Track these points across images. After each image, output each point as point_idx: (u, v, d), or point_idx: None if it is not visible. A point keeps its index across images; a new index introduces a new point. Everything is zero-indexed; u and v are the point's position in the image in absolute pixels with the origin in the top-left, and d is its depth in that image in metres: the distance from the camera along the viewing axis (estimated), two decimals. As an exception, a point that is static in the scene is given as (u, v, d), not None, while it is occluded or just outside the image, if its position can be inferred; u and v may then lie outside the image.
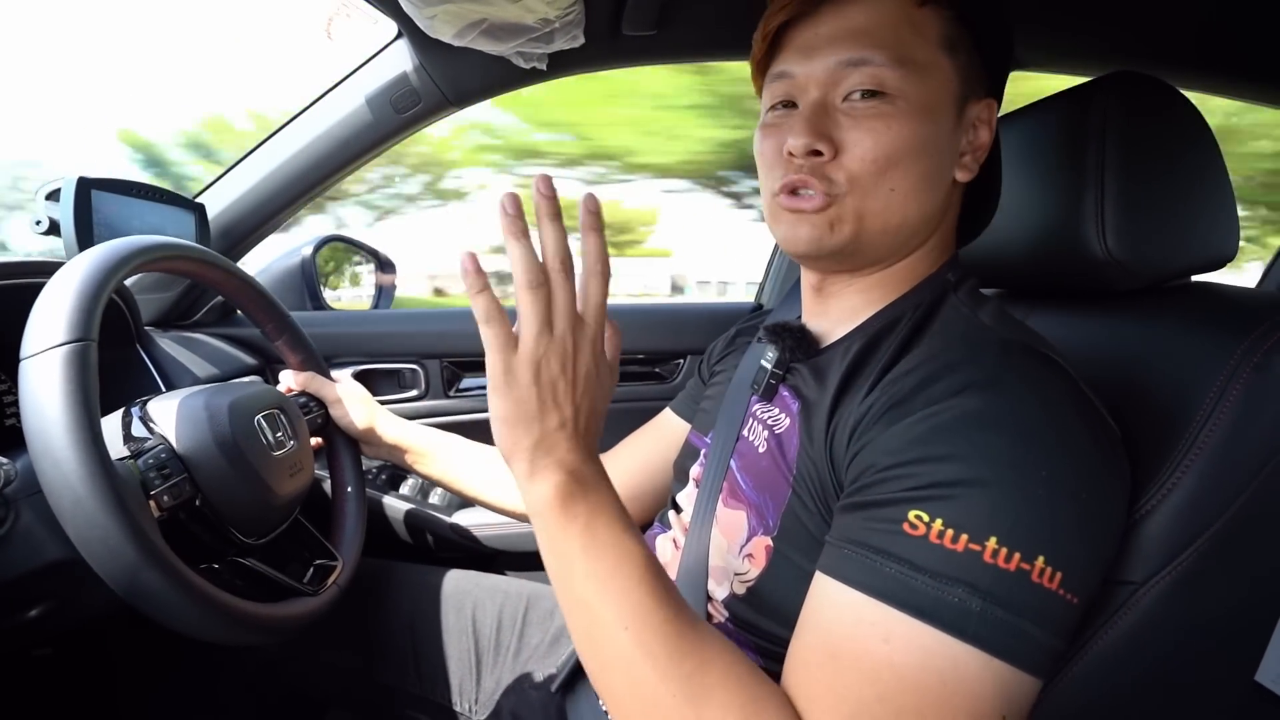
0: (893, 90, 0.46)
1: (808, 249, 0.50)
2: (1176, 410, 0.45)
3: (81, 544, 0.45)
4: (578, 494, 0.40)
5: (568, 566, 0.40)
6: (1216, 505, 0.43)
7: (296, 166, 0.94)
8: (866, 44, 0.46)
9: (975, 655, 0.35)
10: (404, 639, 0.78)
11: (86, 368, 0.47)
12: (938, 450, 0.39)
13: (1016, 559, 0.36)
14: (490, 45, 0.78)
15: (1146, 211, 0.51)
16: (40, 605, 0.57)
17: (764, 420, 0.54)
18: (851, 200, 0.48)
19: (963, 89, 0.48)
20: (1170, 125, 0.53)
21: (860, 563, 0.38)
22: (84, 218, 0.76)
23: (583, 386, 0.41)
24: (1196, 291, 0.54)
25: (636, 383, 1.23)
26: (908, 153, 0.46)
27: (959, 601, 0.36)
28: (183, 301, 0.99)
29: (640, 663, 0.38)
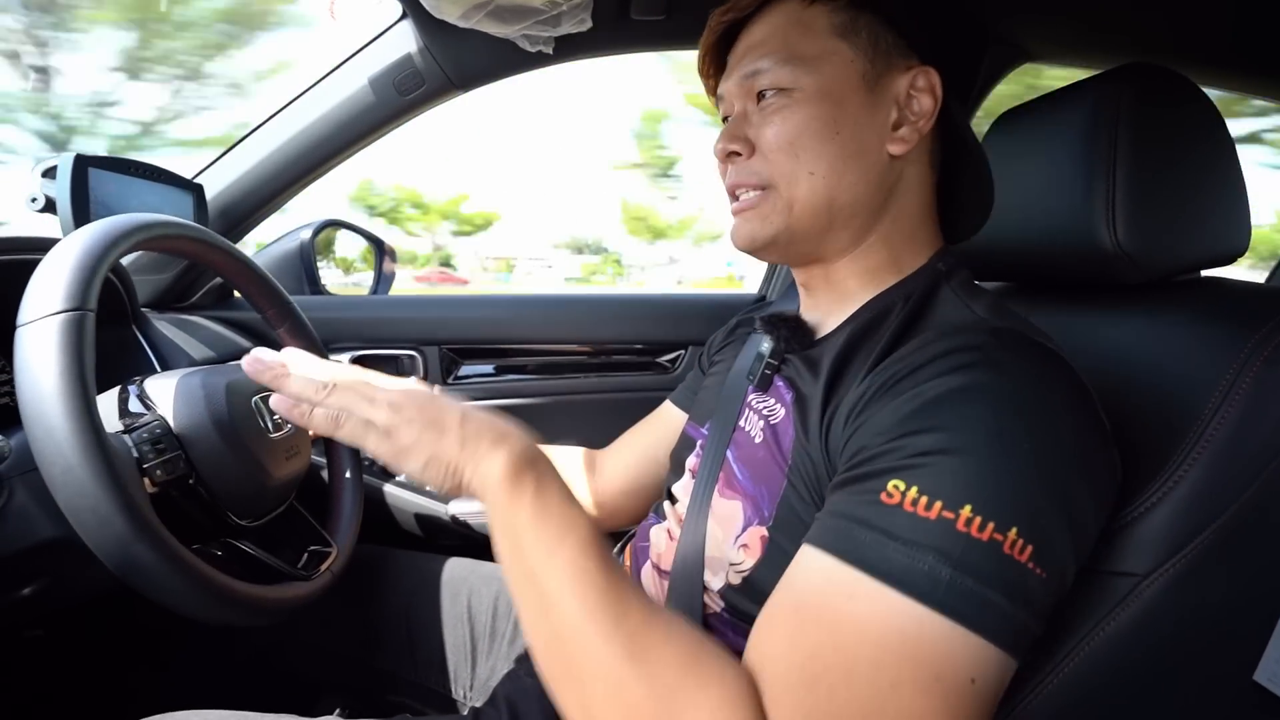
0: (788, 84, 0.50)
1: (745, 244, 0.54)
2: (1183, 404, 0.45)
3: (71, 514, 0.45)
4: (523, 467, 0.43)
5: (516, 540, 0.42)
6: (1222, 499, 0.43)
7: (297, 148, 0.93)
8: (759, 54, 0.52)
9: (941, 621, 0.35)
10: (400, 625, 0.77)
11: (83, 337, 0.47)
12: (922, 423, 0.39)
13: (990, 529, 0.36)
14: (496, 27, 0.77)
15: (1158, 204, 0.51)
16: (34, 584, 0.57)
17: (760, 411, 0.54)
18: (780, 190, 0.51)
19: (871, 66, 0.50)
20: (1184, 117, 0.52)
21: (837, 531, 0.39)
22: (80, 195, 0.75)
23: (437, 400, 0.46)
24: (1205, 286, 0.54)
25: (638, 373, 1.23)
26: (813, 134, 0.50)
27: (928, 569, 0.36)
28: (180, 283, 0.98)
29: (586, 627, 0.39)
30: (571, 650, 0.39)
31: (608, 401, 1.20)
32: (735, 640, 0.49)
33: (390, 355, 1.14)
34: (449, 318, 1.16)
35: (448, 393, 0.49)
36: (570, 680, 0.40)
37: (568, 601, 0.39)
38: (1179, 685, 0.48)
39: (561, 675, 0.40)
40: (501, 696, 0.62)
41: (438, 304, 1.20)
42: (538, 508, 0.42)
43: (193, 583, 0.49)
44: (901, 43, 0.51)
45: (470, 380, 1.18)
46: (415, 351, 1.14)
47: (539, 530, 0.41)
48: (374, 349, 1.13)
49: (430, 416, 0.44)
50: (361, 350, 1.12)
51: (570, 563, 0.40)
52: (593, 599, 0.39)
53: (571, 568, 0.40)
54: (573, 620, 0.39)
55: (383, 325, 1.13)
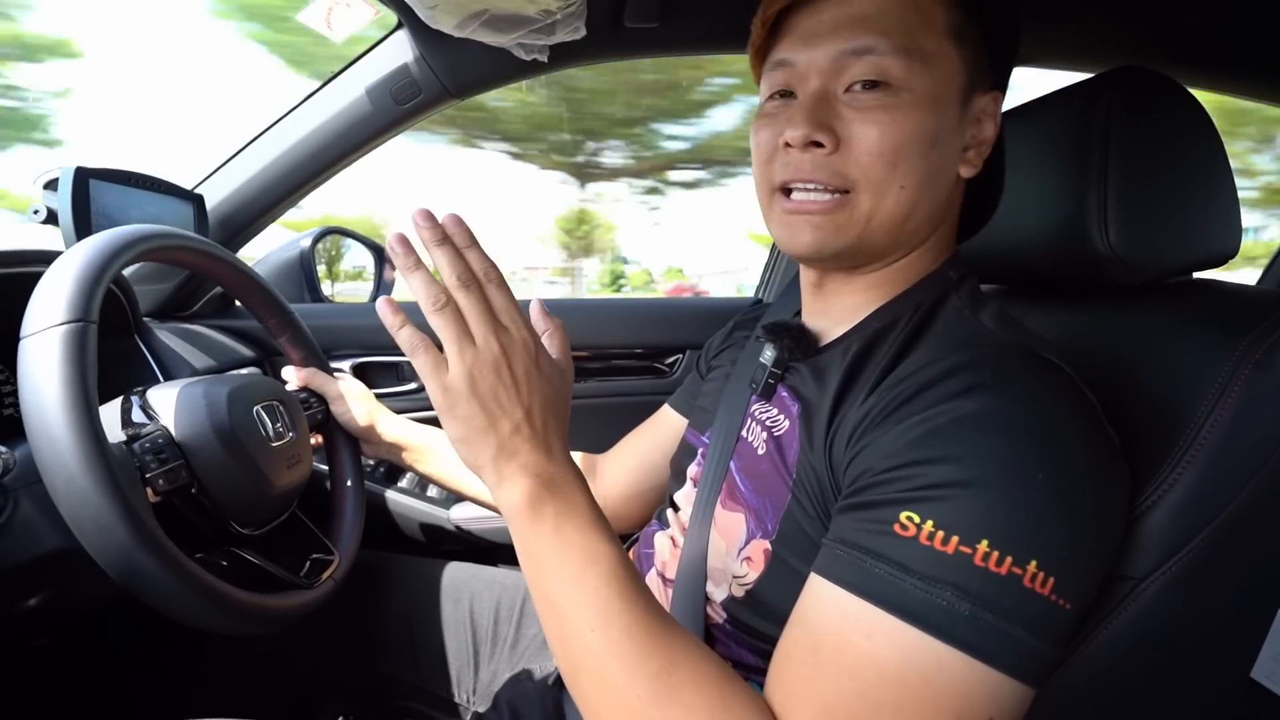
0: (897, 81, 0.44)
1: (808, 252, 0.49)
2: (1177, 406, 0.45)
3: (74, 523, 0.45)
4: (545, 497, 0.41)
5: (538, 568, 0.41)
6: (1217, 502, 0.43)
7: (295, 157, 0.93)
8: (870, 31, 0.44)
9: (961, 659, 0.35)
10: (402, 630, 0.78)
11: (85, 348, 0.47)
12: (933, 452, 0.38)
13: (1008, 563, 0.35)
14: (491, 37, 0.78)
15: (1150, 207, 0.51)
16: (39, 594, 0.57)
17: (763, 421, 0.53)
18: (862, 200, 0.46)
19: (969, 80, 0.47)
20: (1174, 121, 0.52)
21: (850, 562, 0.38)
22: (82, 207, 0.76)
23: (526, 388, 0.41)
24: (1198, 288, 0.54)
25: (634, 377, 1.23)
26: (914, 147, 0.45)
27: (947, 604, 0.35)
28: (181, 292, 0.98)
29: (608, 663, 0.38)
30: (591, 683, 0.39)
31: (606, 405, 1.20)
32: (738, 652, 0.50)
33: (391, 362, 1.14)
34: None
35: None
36: (590, 710, 0.39)
37: (589, 635, 0.38)
38: (1176, 685, 0.49)
39: (583, 704, 0.40)
40: (503, 701, 0.62)
41: None
42: (558, 538, 0.40)
43: (195, 591, 0.49)
44: (989, 62, 0.48)
45: None
46: None
47: (561, 560, 0.40)
48: (374, 355, 1.13)
49: (492, 405, 0.40)
50: (362, 357, 1.12)
51: (594, 595, 0.39)
52: (616, 634, 0.38)
53: (595, 600, 0.39)
54: (595, 653, 0.38)
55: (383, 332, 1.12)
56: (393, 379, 1.15)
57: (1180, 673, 0.48)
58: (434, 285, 0.40)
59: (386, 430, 0.81)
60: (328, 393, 0.80)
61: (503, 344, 0.41)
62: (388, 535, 1.12)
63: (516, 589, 0.83)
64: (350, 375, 0.86)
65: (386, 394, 1.12)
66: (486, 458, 0.41)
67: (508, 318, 0.42)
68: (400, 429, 0.82)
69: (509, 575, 0.86)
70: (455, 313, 0.40)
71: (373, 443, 0.82)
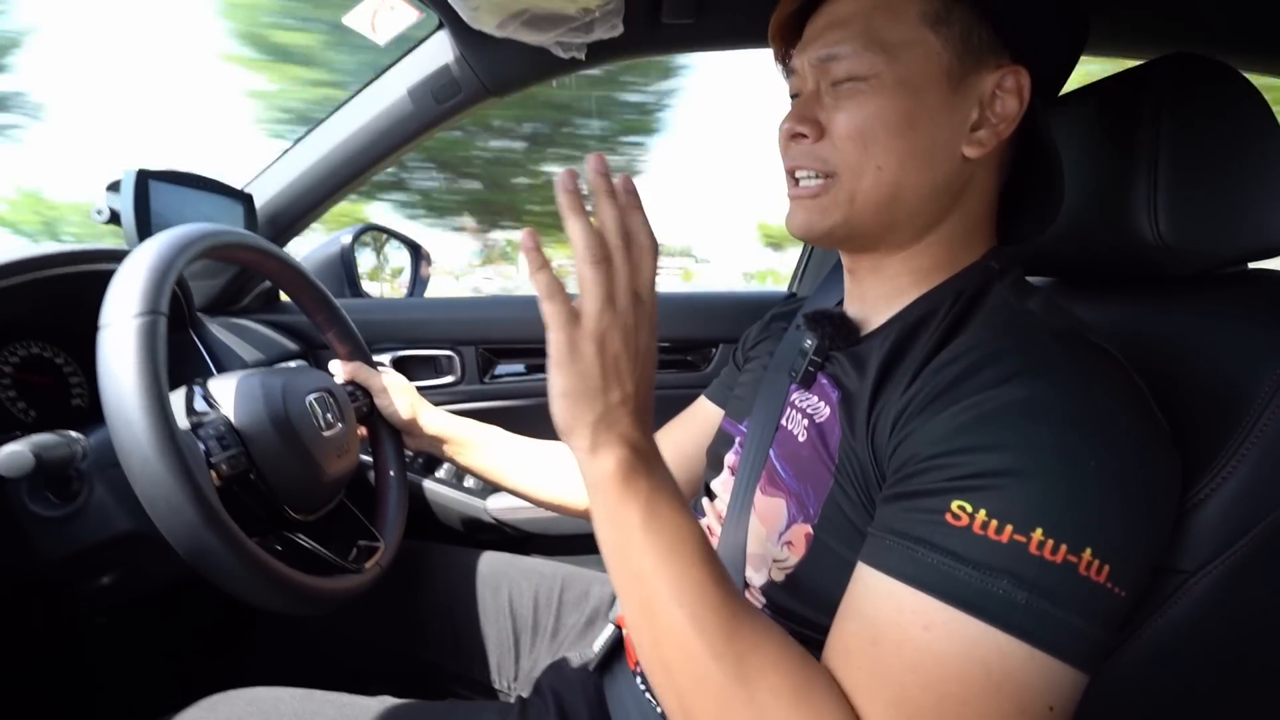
0: (866, 72, 0.47)
1: (801, 231, 0.52)
2: (1232, 399, 0.44)
3: (148, 503, 0.48)
4: (640, 469, 0.41)
5: (626, 540, 0.40)
6: (1273, 495, 0.43)
7: (340, 156, 0.96)
8: (839, 38, 0.48)
9: (1020, 647, 0.35)
10: (444, 619, 0.80)
11: (157, 338, 0.50)
12: (983, 440, 0.38)
13: (1063, 551, 0.35)
14: (531, 36, 0.79)
15: (1202, 195, 0.50)
16: (111, 573, 0.61)
17: (803, 409, 0.54)
18: (844, 181, 0.49)
19: (957, 61, 0.47)
20: (1229, 106, 0.51)
21: (902, 553, 0.38)
22: (143, 207, 0.79)
23: (643, 363, 0.41)
24: (1253, 279, 0.53)
25: (669, 370, 1.24)
26: (885, 126, 0.47)
27: (1003, 594, 0.35)
28: (230, 288, 1.02)
29: (694, 639, 0.38)
30: (674, 657, 0.39)
31: None
32: None
33: (429, 355, 1.17)
34: (484, 319, 1.19)
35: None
36: (671, 686, 0.39)
37: (676, 611, 0.38)
38: (1225, 684, 0.48)
39: (663, 679, 0.40)
40: (546, 687, 0.64)
41: (473, 305, 1.23)
42: (650, 514, 0.40)
43: (256, 571, 0.51)
44: (996, 39, 0.47)
45: (505, 380, 1.21)
46: (452, 351, 1.16)
47: (652, 534, 0.40)
48: (413, 350, 1.16)
49: (611, 370, 0.40)
50: (401, 351, 1.15)
51: (683, 574, 0.39)
52: (703, 613, 0.38)
53: (684, 579, 0.39)
54: (680, 630, 0.38)
55: (421, 327, 1.16)
56: (431, 372, 1.18)
57: (1232, 669, 0.48)
58: (595, 236, 0.39)
59: (429, 423, 0.83)
60: (372, 386, 0.82)
61: (637, 315, 0.40)
62: (426, 525, 1.14)
63: (554, 578, 0.84)
64: (392, 369, 0.88)
65: (425, 387, 1.14)
66: (588, 421, 0.40)
67: (648, 291, 0.41)
68: (442, 422, 0.84)
69: (545, 565, 0.87)
70: (609, 272, 0.39)
71: (415, 435, 0.84)
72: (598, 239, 0.39)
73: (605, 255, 0.39)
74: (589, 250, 0.38)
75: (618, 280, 0.39)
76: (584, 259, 0.39)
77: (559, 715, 0.59)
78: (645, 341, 0.41)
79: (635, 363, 0.41)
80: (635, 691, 0.59)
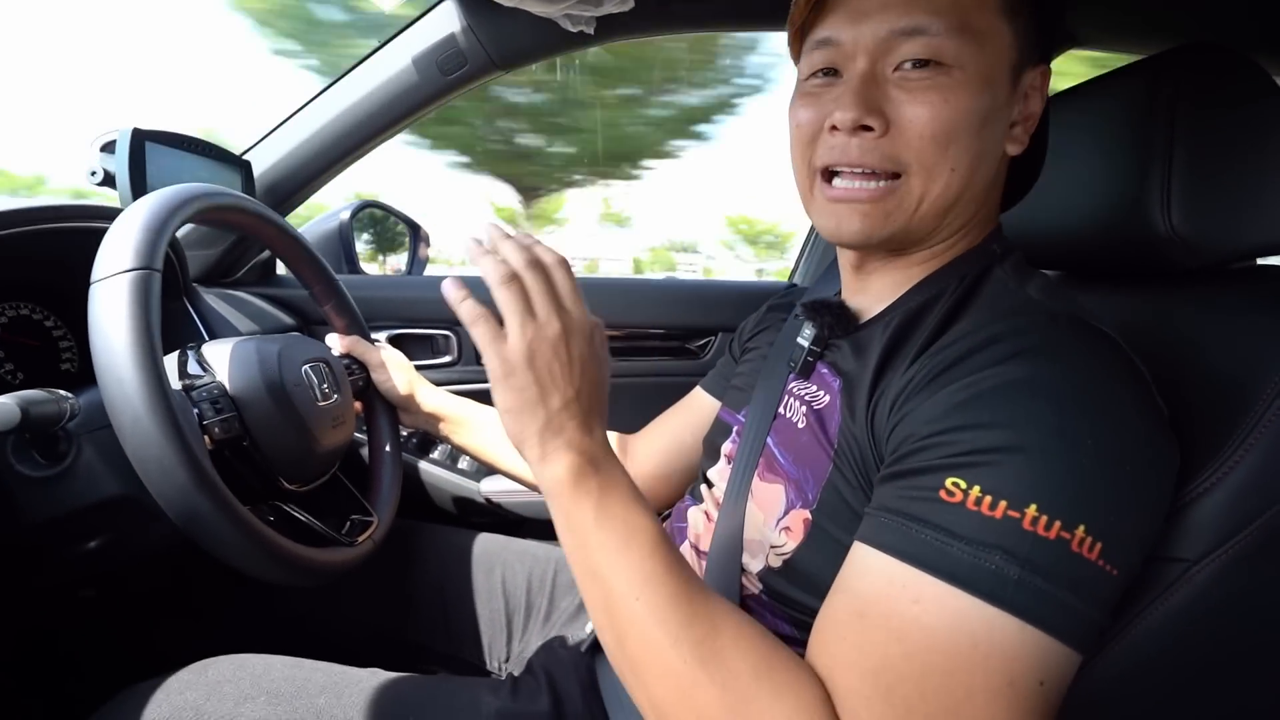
0: (950, 60, 0.43)
1: (856, 241, 0.48)
2: (1239, 391, 0.44)
3: (138, 462, 0.47)
4: (589, 471, 0.42)
5: (582, 541, 0.42)
6: (1277, 487, 0.43)
7: (341, 126, 0.94)
8: (923, 10, 0.43)
9: (1011, 621, 0.35)
10: (434, 598, 0.79)
11: (150, 294, 0.49)
12: (979, 417, 0.38)
13: (1057, 527, 0.35)
14: (539, 6, 0.78)
15: (1215, 187, 0.50)
16: (97, 538, 0.60)
17: (801, 397, 0.54)
18: (914, 184, 0.45)
19: (1020, 57, 0.46)
20: (1245, 97, 0.51)
21: (895, 530, 0.38)
22: (138, 168, 0.78)
23: (579, 369, 0.43)
24: (1260, 274, 0.53)
25: (667, 358, 1.24)
26: (967, 128, 0.44)
27: (995, 568, 0.35)
28: (226, 259, 1.01)
29: (653, 629, 0.39)
30: (638, 650, 0.39)
31: (638, 385, 1.21)
32: (774, 623, 0.50)
33: (426, 334, 1.16)
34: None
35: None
36: (636, 677, 0.40)
37: (633, 604, 0.39)
38: (1227, 672, 0.48)
39: (628, 671, 0.40)
40: (538, 666, 0.63)
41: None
42: (601, 511, 0.41)
43: (248, 538, 0.50)
44: (1038, 36, 0.47)
45: None
46: (450, 331, 1.15)
47: (605, 533, 0.41)
48: (410, 328, 1.15)
49: (546, 380, 0.42)
50: (398, 329, 1.14)
51: (637, 566, 0.40)
52: (659, 602, 0.39)
53: (639, 570, 0.40)
54: (639, 622, 0.39)
55: (419, 305, 1.15)
56: (427, 351, 1.17)
57: (1232, 661, 0.48)
58: (500, 263, 0.43)
59: (425, 400, 0.83)
60: (369, 361, 0.81)
61: (564, 324, 0.43)
62: (419, 505, 1.13)
63: (547, 561, 0.84)
64: (390, 347, 0.87)
65: (421, 366, 1.13)
66: (533, 430, 0.42)
67: (570, 301, 0.44)
68: (439, 400, 0.84)
69: (539, 548, 0.87)
70: (521, 289, 0.42)
71: (411, 412, 0.83)
72: (503, 264, 0.43)
73: (512, 274, 0.42)
74: (496, 273, 0.42)
75: (532, 294, 0.42)
76: (494, 283, 0.42)
77: (551, 693, 0.59)
78: (580, 348, 0.43)
79: (571, 369, 0.43)
80: None
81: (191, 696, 0.54)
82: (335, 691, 0.56)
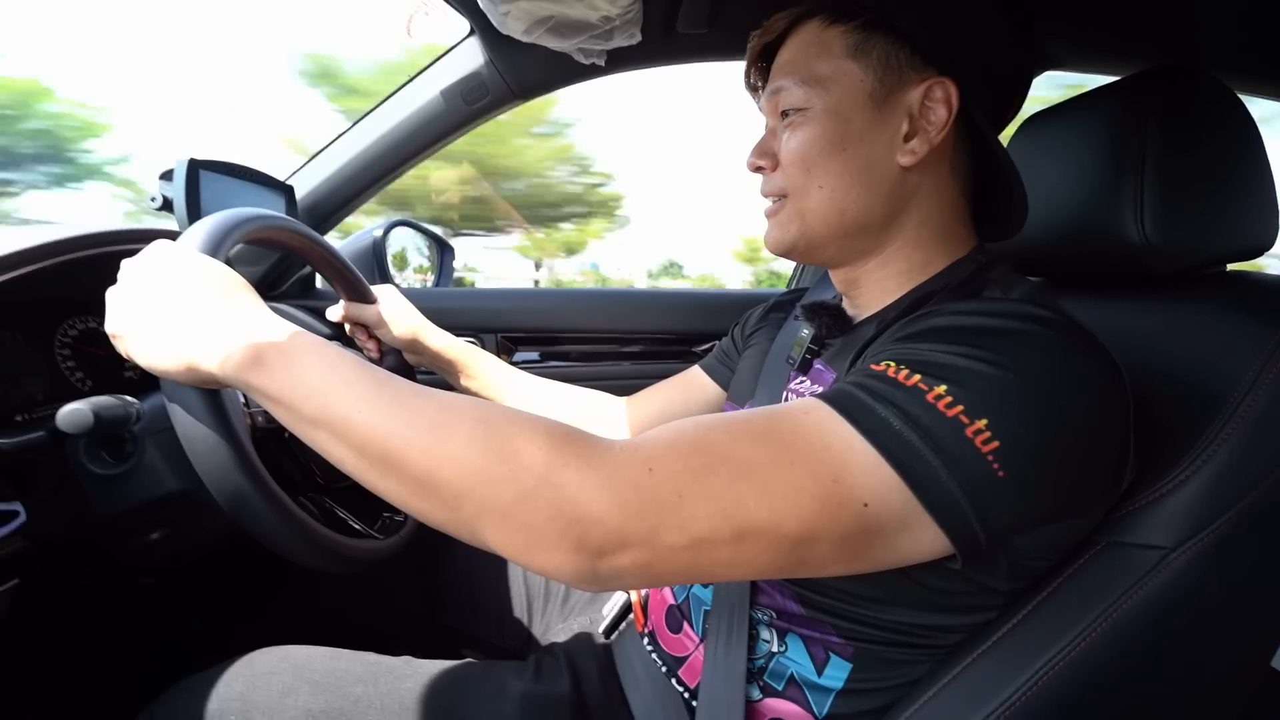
0: (802, 104, 0.53)
1: (771, 246, 0.58)
2: (1213, 388, 0.47)
3: (187, 442, 0.51)
4: (257, 349, 0.42)
5: (288, 405, 0.42)
6: (1250, 479, 0.45)
7: (374, 153, 1.02)
8: (783, 74, 0.54)
9: (870, 453, 0.37)
10: (462, 584, 0.85)
11: None
12: (923, 338, 0.42)
13: (958, 410, 0.37)
14: (555, 41, 0.84)
15: (1186, 198, 0.52)
16: (159, 530, 0.65)
17: (799, 392, 0.58)
18: (791, 201, 0.55)
19: (880, 84, 0.51)
20: (1214, 117, 0.53)
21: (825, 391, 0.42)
22: (194, 195, 0.85)
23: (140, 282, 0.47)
24: (1232, 280, 0.55)
25: (673, 362, 1.29)
26: (820, 151, 0.52)
27: (884, 415, 0.38)
28: (270, 274, 1.08)
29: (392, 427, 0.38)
30: (381, 447, 0.39)
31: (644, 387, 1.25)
32: (783, 602, 0.52)
33: None
34: (504, 308, 1.24)
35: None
36: (389, 467, 0.39)
37: (357, 417, 0.39)
38: (1199, 662, 0.50)
39: (383, 471, 0.39)
40: (559, 648, 0.68)
41: (494, 296, 1.29)
42: (287, 378, 0.41)
43: (287, 521, 0.54)
44: (916, 58, 0.51)
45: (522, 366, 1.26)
46: (475, 338, 1.22)
47: (299, 394, 0.41)
48: None
49: (147, 293, 0.46)
50: None
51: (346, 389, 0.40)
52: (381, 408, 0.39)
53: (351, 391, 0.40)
54: (373, 427, 0.39)
55: (446, 315, 1.20)
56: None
57: (1204, 651, 0.49)
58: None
59: (431, 341, 0.84)
60: (367, 319, 0.82)
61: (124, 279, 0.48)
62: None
63: None
64: (392, 290, 0.86)
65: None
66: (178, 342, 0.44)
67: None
68: (445, 341, 0.85)
69: None
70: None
71: (418, 353, 0.84)
72: None
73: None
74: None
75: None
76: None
77: (571, 674, 0.63)
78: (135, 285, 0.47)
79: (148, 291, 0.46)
80: (643, 653, 0.63)
81: (239, 688, 0.57)
82: (372, 680, 0.59)
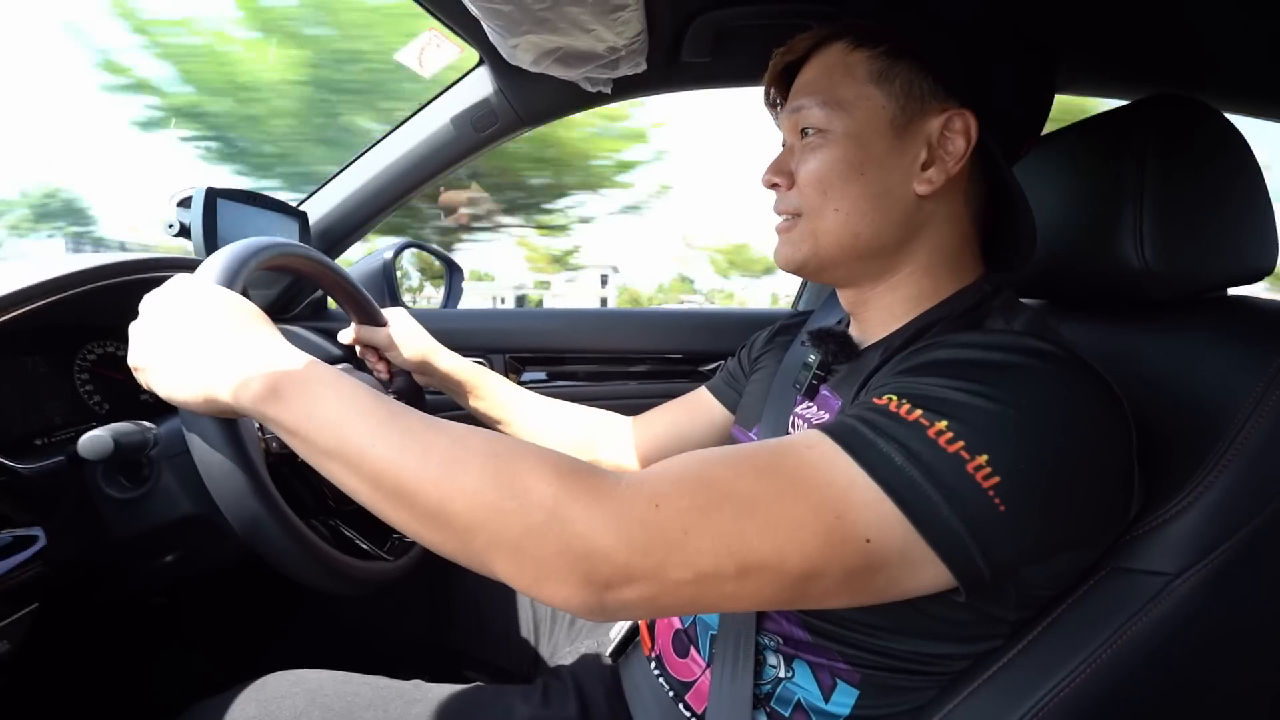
0: (823, 125, 0.53)
1: (782, 263, 0.59)
2: (1215, 413, 0.47)
3: (203, 469, 0.51)
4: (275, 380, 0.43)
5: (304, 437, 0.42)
6: (1253, 504, 0.45)
7: (386, 179, 1.04)
8: (804, 94, 0.55)
9: (873, 489, 0.37)
10: (470, 607, 0.85)
11: None
12: (925, 371, 0.42)
13: (959, 446, 0.37)
14: (562, 71, 0.86)
15: (1185, 223, 0.53)
16: (174, 552, 0.66)
17: (806, 418, 0.58)
18: (806, 221, 0.55)
19: (901, 112, 0.52)
20: (1210, 144, 0.54)
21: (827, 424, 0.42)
22: (210, 222, 0.87)
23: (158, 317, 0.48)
24: (1232, 304, 0.55)
25: (679, 381, 1.30)
26: (839, 174, 0.53)
27: (886, 450, 0.38)
28: (283, 297, 1.10)
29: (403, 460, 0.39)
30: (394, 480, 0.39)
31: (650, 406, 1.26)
32: (789, 629, 0.52)
33: None
34: (512, 329, 1.26)
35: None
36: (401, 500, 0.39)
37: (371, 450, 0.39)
38: (1206, 689, 0.49)
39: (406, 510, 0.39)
40: (565, 672, 0.68)
41: (502, 316, 1.30)
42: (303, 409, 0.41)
43: (298, 544, 0.54)
44: (938, 88, 0.52)
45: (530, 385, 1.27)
46: (483, 359, 1.23)
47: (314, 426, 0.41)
48: None
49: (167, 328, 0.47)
50: None
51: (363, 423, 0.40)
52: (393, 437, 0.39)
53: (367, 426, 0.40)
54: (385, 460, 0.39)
55: (455, 335, 1.22)
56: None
57: (1211, 678, 0.49)
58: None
59: (441, 362, 0.84)
60: (378, 343, 0.82)
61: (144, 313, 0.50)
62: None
63: None
64: (403, 313, 0.86)
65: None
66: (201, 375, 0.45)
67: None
68: (455, 362, 0.85)
69: None
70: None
71: (428, 375, 0.84)
72: None
73: None
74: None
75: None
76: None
77: (578, 698, 0.63)
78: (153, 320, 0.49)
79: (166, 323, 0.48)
80: (650, 677, 0.62)
81: (251, 711, 0.57)
82: (382, 705, 0.60)
